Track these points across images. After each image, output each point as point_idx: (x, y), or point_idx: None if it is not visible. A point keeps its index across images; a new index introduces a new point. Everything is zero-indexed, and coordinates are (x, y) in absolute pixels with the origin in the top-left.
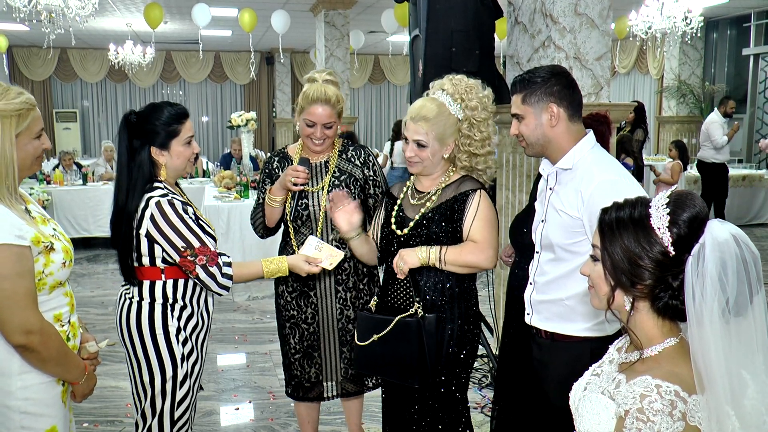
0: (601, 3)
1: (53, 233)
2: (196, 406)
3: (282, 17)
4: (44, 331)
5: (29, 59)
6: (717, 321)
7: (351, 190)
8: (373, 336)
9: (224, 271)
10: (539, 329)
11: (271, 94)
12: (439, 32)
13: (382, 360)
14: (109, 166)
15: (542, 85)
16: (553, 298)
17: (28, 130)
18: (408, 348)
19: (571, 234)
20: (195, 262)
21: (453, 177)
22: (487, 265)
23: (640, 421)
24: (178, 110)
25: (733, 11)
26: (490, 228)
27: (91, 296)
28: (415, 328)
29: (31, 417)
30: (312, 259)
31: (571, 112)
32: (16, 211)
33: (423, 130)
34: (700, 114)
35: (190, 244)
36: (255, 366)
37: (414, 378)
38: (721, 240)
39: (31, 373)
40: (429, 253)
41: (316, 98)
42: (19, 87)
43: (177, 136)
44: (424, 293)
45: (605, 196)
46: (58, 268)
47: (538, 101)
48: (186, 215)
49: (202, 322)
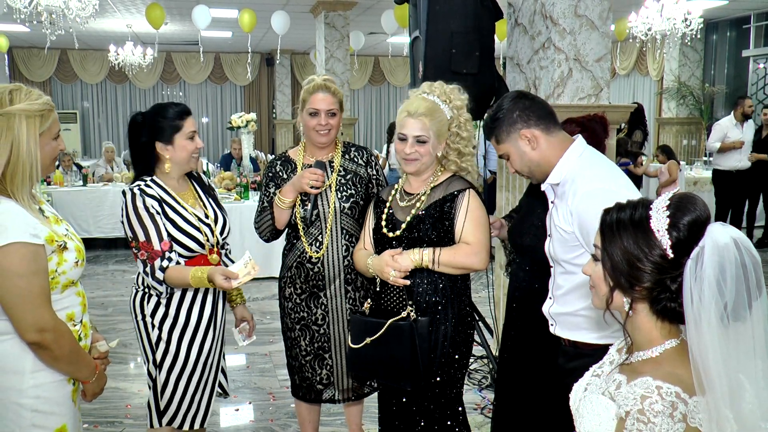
0: (601, 4)
1: (66, 233)
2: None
3: (282, 18)
4: (57, 329)
5: (29, 60)
6: (715, 325)
7: (357, 188)
8: (366, 339)
9: (156, 274)
10: (562, 338)
11: (271, 95)
12: (439, 33)
13: (375, 363)
14: (110, 167)
15: (504, 118)
16: (570, 310)
17: (49, 131)
18: (400, 351)
19: (570, 248)
20: (137, 255)
21: (441, 177)
22: (480, 266)
23: (641, 422)
24: (180, 108)
25: (733, 13)
26: (482, 229)
27: (91, 297)
28: (408, 332)
29: (42, 415)
30: (229, 273)
31: (544, 126)
32: (31, 210)
33: (424, 125)
34: (699, 115)
35: (136, 237)
36: (255, 367)
37: (406, 381)
38: (721, 244)
39: (43, 372)
40: (422, 255)
41: (317, 87)
42: (38, 90)
43: (180, 131)
44: (417, 295)
45: (590, 207)
46: (71, 267)
47: (508, 134)
48: (146, 210)
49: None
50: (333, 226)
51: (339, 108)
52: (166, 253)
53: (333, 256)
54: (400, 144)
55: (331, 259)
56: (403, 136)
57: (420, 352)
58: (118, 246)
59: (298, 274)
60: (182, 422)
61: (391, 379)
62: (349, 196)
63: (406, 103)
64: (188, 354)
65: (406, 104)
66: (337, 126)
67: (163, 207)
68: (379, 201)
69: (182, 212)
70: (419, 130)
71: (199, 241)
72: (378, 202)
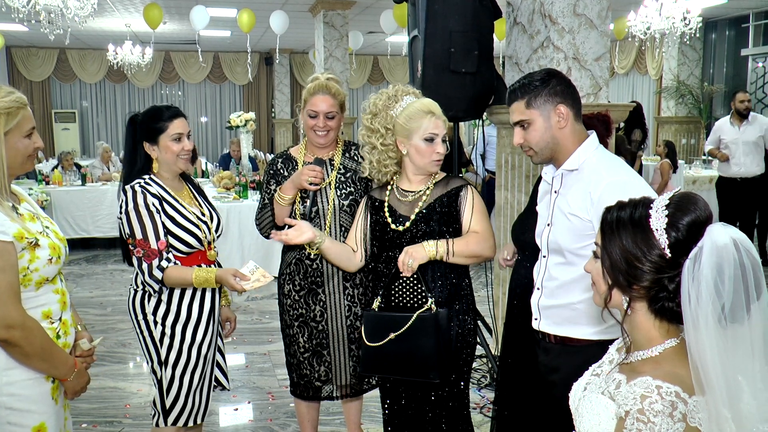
0: (599, 3)
1: (42, 230)
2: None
3: (281, 18)
4: (26, 326)
5: (28, 59)
6: (712, 326)
7: (356, 186)
8: (389, 335)
9: (154, 272)
10: (546, 333)
11: (270, 94)
12: (437, 33)
13: (397, 358)
14: (106, 167)
15: (545, 86)
16: (563, 303)
17: (18, 129)
18: (427, 343)
19: (581, 237)
20: (133, 252)
21: (440, 175)
22: (490, 253)
23: (641, 422)
24: (170, 111)
25: (732, 12)
26: (487, 219)
27: (89, 297)
28: (433, 323)
29: (18, 413)
30: (241, 275)
31: (575, 112)
32: (1, 207)
33: (444, 126)
34: (698, 114)
35: (133, 234)
36: (254, 366)
37: (435, 372)
38: (720, 244)
39: (16, 369)
40: (437, 246)
41: (318, 88)
42: (10, 87)
43: (164, 132)
44: (431, 289)
45: (615, 197)
46: (44, 264)
47: (545, 103)
48: (146, 207)
49: (177, 312)
50: (332, 223)
51: (339, 110)
52: (164, 253)
53: None
54: (429, 146)
55: None
56: (434, 136)
57: (444, 343)
58: (117, 245)
59: (297, 271)
60: (187, 419)
61: (415, 373)
62: (348, 193)
63: (420, 105)
64: (191, 348)
65: (424, 106)
66: (337, 127)
67: (163, 205)
68: (374, 200)
69: (181, 210)
70: (444, 129)
71: (198, 238)
72: (373, 201)
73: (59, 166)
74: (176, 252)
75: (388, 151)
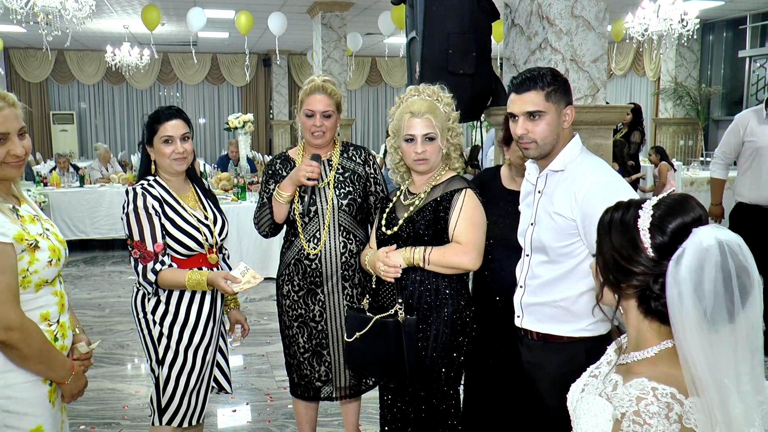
0: (597, 5)
1: (42, 232)
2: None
3: (279, 19)
4: (24, 328)
5: (26, 61)
6: (695, 329)
7: (355, 186)
8: (356, 333)
9: (148, 275)
10: (529, 331)
11: (268, 96)
12: (435, 34)
13: (365, 357)
14: (105, 168)
15: (562, 84)
16: (546, 300)
17: None
18: (385, 348)
19: (565, 236)
20: (131, 253)
21: (443, 177)
22: (470, 266)
23: (637, 423)
24: (164, 112)
25: (729, 14)
26: (475, 229)
27: (87, 298)
28: (393, 329)
29: (14, 416)
30: (232, 278)
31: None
32: (1, 209)
33: (430, 123)
34: (696, 116)
35: (131, 235)
36: (252, 368)
37: (390, 377)
38: (704, 246)
39: (14, 372)
40: (413, 253)
41: (313, 89)
42: None
43: (156, 134)
44: (409, 294)
45: (599, 197)
46: (44, 266)
47: (560, 100)
48: (145, 210)
49: (176, 314)
50: (330, 223)
51: (336, 109)
52: (160, 256)
53: (330, 253)
54: (408, 146)
55: (328, 255)
56: (411, 137)
57: (407, 350)
58: (115, 247)
59: (296, 271)
60: (182, 420)
61: (377, 374)
62: (346, 193)
63: (404, 106)
64: (187, 350)
65: (406, 106)
66: (334, 127)
67: (163, 207)
68: (386, 201)
69: (182, 212)
70: (427, 128)
71: (198, 241)
72: (384, 203)
73: (56, 167)
74: (175, 254)
75: (395, 153)
